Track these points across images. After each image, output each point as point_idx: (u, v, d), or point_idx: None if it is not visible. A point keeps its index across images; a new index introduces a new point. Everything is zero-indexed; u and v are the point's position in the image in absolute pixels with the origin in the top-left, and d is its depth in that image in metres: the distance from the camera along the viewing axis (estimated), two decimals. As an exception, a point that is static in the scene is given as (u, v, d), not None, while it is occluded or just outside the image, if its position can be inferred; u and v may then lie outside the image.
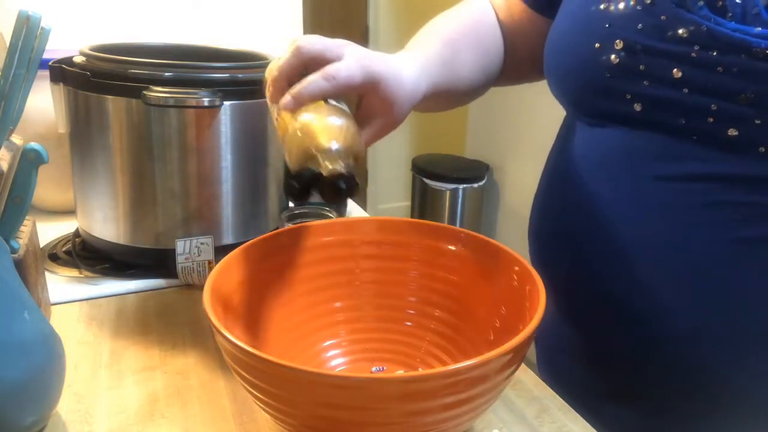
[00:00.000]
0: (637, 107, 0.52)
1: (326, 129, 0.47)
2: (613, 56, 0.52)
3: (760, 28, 0.45)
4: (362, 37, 3.09)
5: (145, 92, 0.66)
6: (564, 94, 0.61)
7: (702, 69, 0.47)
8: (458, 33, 0.67)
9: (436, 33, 0.66)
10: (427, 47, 0.62)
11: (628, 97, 0.52)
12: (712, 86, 0.47)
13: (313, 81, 0.48)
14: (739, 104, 0.46)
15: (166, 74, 0.68)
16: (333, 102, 0.50)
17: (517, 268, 0.51)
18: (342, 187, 0.46)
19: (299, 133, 0.47)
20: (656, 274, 0.53)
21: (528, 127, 2.42)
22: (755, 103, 0.45)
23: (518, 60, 0.72)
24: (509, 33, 0.71)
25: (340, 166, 0.45)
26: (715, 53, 0.47)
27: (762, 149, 0.47)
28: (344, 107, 0.50)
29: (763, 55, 0.45)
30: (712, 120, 0.48)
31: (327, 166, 0.45)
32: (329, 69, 0.49)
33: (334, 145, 0.46)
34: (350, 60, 0.50)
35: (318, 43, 0.50)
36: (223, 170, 0.74)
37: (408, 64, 0.56)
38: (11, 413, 0.45)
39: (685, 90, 0.49)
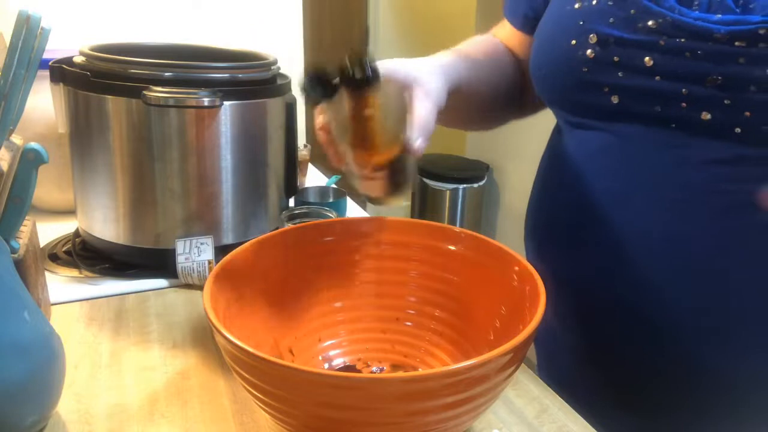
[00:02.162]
0: (615, 99, 0.53)
1: None
2: (588, 51, 0.54)
3: (720, 15, 0.47)
4: (362, 37, 3.09)
5: (145, 92, 0.66)
6: (547, 94, 0.62)
7: (671, 55, 0.49)
8: (474, 51, 0.69)
9: (453, 51, 0.67)
10: (444, 57, 0.64)
11: (606, 90, 0.54)
12: (682, 71, 0.49)
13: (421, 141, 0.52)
14: (707, 87, 0.48)
15: (166, 74, 0.68)
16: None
17: (517, 268, 0.51)
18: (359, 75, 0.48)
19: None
20: (652, 269, 0.53)
21: (528, 127, 2.41)
22: (722, 84, 0.47)
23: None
24: (520, 62, 0.73)
25: None
26: (682, 40, 0.49)
27: (738, 129, 0.48)
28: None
29: (725, 39, 0.46)
30: (685, 105, 0.49)
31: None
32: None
33: None
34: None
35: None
36: (223, 170, 0.74)
37: (434, 74, 0.57)
38: (11, 413, 0.45)
39: (657, 77, 0.50)
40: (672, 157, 0.51)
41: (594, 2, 0.54)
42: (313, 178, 1.20)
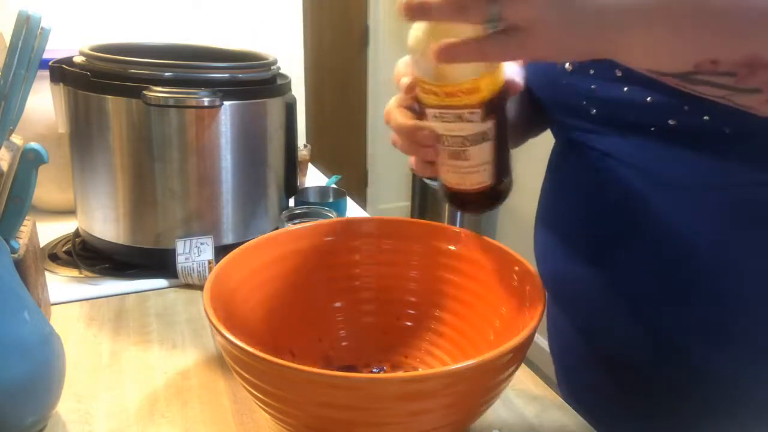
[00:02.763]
0: (593, 110, 0.55)
1: None
2: (567, 64, 0.55)
3: None
4: (362, 37, 3.10)
5: (145, 92, 0.66)
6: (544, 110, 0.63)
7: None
8: None
9: None
10: None
11: (584, 103, 0.55)
12: (646, 80, 0.49)
13: None
14: (667, 95, 0.48)
15: (166, 74, 0.68)
16: None
17: (517, 268, 0.51)
18: None
19: None
20: (653, 271, 0.53)
21: (528, 127, 2.41)
22: (678, 92, 0.47)
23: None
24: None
25: None
26: None
27: (701, 135, 0.48)
28: None
29: None
30: (651, 113, 0.50)
31: None
32: None
33: None
34: None
35: None
36: (223, 170, 0.74)
37: None
38: (11, 413, 0.45)
39: (625, 89, 0.51)
40: (665, 159, 0.51)
41: None
42: (313, 178, 1.20)
